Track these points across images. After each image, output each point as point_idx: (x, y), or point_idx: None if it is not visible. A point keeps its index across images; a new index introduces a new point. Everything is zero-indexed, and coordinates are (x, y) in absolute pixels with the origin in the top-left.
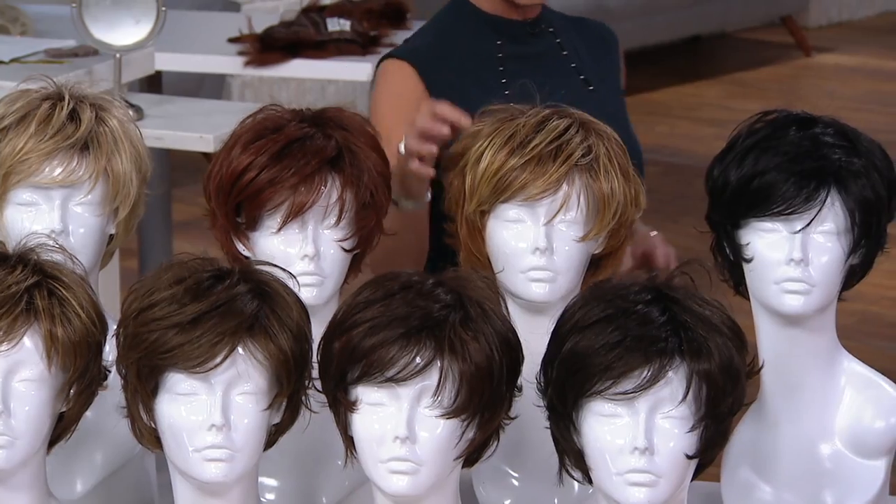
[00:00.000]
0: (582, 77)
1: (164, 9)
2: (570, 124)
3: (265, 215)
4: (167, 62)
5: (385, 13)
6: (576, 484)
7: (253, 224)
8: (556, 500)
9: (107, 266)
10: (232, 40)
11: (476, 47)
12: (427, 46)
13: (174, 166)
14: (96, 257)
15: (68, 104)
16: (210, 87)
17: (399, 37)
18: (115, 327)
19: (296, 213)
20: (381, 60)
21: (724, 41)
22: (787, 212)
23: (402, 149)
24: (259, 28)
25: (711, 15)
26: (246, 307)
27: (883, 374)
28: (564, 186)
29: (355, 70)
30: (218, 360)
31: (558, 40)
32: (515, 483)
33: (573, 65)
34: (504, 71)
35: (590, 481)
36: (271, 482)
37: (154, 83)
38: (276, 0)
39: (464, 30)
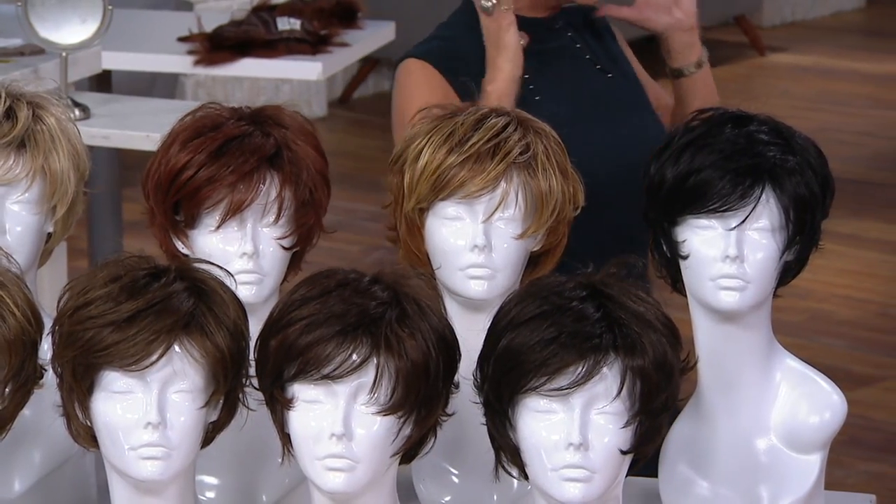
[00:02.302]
0: (598, 67)
1: (110, 7)
2: (507, 122)
3: (203, 213)
4: (115, 61)
5: (336, 12)
6: (515, 481)
7: (191, 222)
8: (495, 497)
9: (56, 265)
10: (181, 39)
11: None
12: (443, 47)
13: (126, 166)
14: (34, 256)
15: (4, 102)
16: (162, 86)
17: (350, 36)
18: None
19: (234, 212)
20: (399, 61)
21: None
22: (722, 209)
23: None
24: (210, 27)
25: None
26: (182, 305)
27: (831, 371)
28: (502, 184)
29: (305, 69)
30: (153, 357)
31: (570, 34)
32: (455, 480)
33: (587, 56)
34: (525, 67)
35: (526, 478)
36: (211, 480)
37: (103, 82)
38: None
39: (479, 29)
